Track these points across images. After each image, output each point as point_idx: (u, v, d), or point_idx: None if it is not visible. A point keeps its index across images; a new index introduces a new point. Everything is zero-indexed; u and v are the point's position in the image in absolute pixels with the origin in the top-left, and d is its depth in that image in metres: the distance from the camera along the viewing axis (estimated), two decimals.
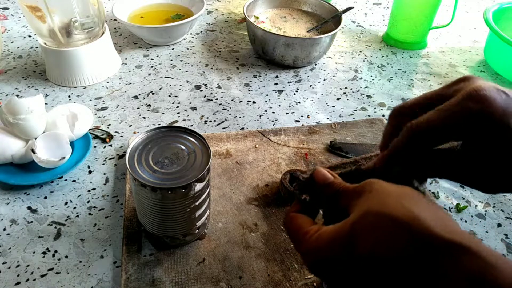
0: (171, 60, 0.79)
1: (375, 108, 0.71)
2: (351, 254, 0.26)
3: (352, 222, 0.27)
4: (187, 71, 0.77)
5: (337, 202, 0.31)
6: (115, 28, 0.88)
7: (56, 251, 0.47)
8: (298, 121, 0.67)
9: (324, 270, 0.29)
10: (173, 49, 0.83)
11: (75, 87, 0.71)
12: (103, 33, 0.71)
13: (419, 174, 0.33)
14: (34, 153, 0.52)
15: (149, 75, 0.75)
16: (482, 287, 0.21)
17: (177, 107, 0.68)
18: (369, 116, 0.69)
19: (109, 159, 0.58)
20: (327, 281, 0.30)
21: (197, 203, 0.42)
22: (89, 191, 0.54)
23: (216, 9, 0.98)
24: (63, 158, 0.53)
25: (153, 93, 0.71)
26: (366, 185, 0.29)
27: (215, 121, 0.66)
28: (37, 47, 0.80)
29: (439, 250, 0.23)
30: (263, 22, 0.83)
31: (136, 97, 0.70)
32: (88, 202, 0.52)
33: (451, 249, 0.23)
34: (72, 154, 0.55)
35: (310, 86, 0.75)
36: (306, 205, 0.34)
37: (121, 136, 0.62)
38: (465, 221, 0.53)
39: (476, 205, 0.55)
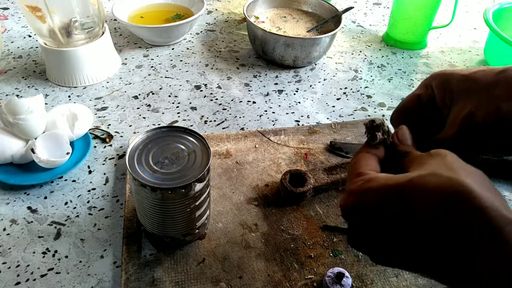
0: (171, 60, 0.79)
1: (375, 108, 0.71)
2: (401, 208, 0.26)
3: (413, 176, 0.26)
4: (187, 71, 0.77)
5: (399, 160, 0.31)
6: (115, 28, 0.88)
7: (56, 251, 0.47)
8: (298, 121, 0.67)
9: (360, 217, 0.28)
10: (173, 49, 0.83)
11: (75, 87, 0.71)
12: (103, 33, 0.71)
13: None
14: (34, 153, 0.52)
15: (149, 75, 0.75)
16: None
17: (177, 107, 0.68)
18: (369, 116, 0.69)
19: (109, 159, 0.58)
20: (354, 231, 0.29)
21: (197, 203, 0.42)
22: (89, 191, 0.54)
23: (216, 9, 0.98)
24: (63, 158, 0.53)
25: (153, 93, 0.71)
26: (441, 150, 0.29)
27: (215, 121, 0.66)
28: (37, 47, 0.80)
29: (501, 225, 0.24)
30: (263, 22, 0.83)
31: (136, 97, 0.70)
32: (88, 202, 0.52)
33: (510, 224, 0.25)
34: (72, 154, 0.55)
35: (310, 86, 0.75)
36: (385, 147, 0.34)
37: (121, 136, 0.62)
38: None
39: None
